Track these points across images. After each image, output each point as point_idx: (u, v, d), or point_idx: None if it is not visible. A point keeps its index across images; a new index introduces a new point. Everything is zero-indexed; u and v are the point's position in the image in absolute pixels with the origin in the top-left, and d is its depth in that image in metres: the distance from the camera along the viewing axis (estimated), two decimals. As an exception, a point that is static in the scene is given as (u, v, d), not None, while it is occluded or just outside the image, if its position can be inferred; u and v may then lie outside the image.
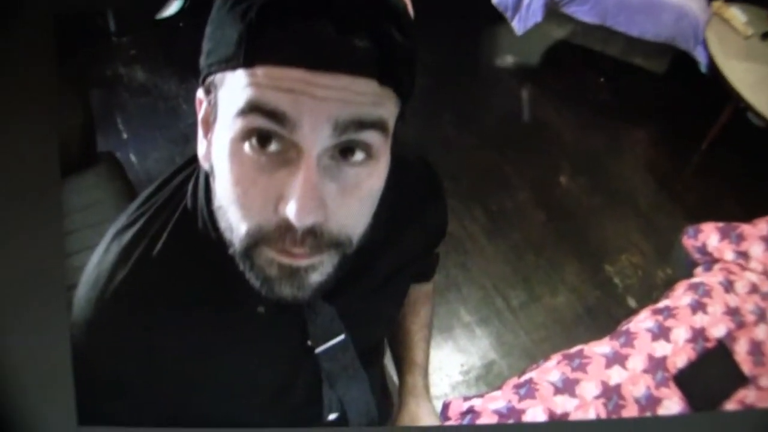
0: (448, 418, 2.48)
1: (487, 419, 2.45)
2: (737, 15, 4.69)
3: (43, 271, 0.92)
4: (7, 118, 0.92)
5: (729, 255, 3.01)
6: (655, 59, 5.20)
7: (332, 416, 1.34)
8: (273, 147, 0.90)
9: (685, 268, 3.19)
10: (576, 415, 2.48)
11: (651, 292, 3.83)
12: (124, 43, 5.04)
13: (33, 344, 1.00)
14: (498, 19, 5.25)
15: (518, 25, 5.15)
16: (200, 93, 1.03)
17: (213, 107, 0.98)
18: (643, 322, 2.78)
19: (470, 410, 2.49)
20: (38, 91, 0.86)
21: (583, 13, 5.00)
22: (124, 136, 4.43)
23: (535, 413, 2.46)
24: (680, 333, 2.70)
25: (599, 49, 5.34)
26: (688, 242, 3.17)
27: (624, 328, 2.81)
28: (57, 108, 0.89)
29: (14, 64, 0.95)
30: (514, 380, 2.64)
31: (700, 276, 3.00)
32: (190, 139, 3.63)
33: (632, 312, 3.06)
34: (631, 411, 2.51)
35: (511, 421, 2.43)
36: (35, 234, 0.92)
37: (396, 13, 0.93)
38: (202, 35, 0.98)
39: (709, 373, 2.65)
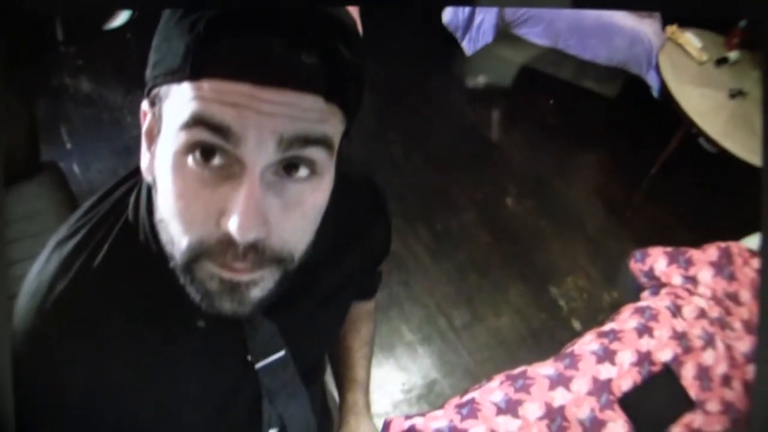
0: None
1: None
2: (692, 40, 4.77)
3: None
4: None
5: (677, 279, 3.03)
6: (606, 83, 5.29)
7: None
8: (217, 161, 0.90)
9: (632, 291, 3.22)
10: None
11: (596, 315, 3.85)
12: (71, 53, 5.03)
13: None
14: (449, 39, 5.28)
15: (468, 46, 5.22)
16: (145, 105, 1.02)
17: (157, 119, 0.96)
18: (588, 344, 2.78)
19: (411, 429, 2.49)
20: None
21: (535, 35, 5.07)
22: (68, 146, 4.41)
23: None
24: (626, 356, 2.70)
25: (551, 72, 5.41)
26: (636, 266, 3.19)
27: (569, 350, 2.81)
28: (1, 116, 0.85)
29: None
30: (456, 400, 2.63)
31: (646, 300, 3.01)
32: (134, 151, 3.59)
33: (577, 335, 3.08)
34: None
35: None
36: None
37: (344, 30, 0.93)
38: (149, 47, 0.97)
39: (655, 397, 2.65)
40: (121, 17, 4.94)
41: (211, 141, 0.88)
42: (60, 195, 3.11)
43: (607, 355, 2.70)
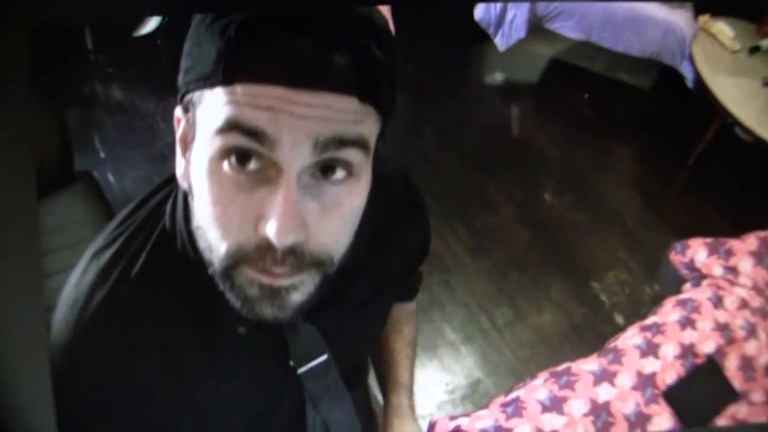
0: None
1: None
2: (724, 29, 4.72)
3: (20, 293, 0.88)
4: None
5: (717, 270, 3.00)
6: (640, 75, 5.24)
7: None
8: (252, 166, 0.89)
9: (673, 284, 3.19)
10: None
11: (638, 308, 3.84)
12: (102, 61, 5.04)
13: (11, 368, 0.96)
14: (482, 35, 5.27)
15: (501, 42, 5.19)
16: (178, 111, 1.02)
17: (191, 126, 0.96)
18: (631, 338, 2.77)
19: (457, 429, 2.48)
20: (13, 108, 0.82)
21: (568, 29, 5.04)
22: (102, 155, 4.41)
23: None
24: (669, 349, 2.69)
25: (584, 66, 5.38)
26: (676, 258, 3.16)
27: (612, 345, 2.80)
28: (32, 126, 0.86)
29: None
30: (501, 399, 2.63)
31: (688, 292, 2.99)
32: (168, 158, 3.59)
33: (620, 329, 3.05)
34: (620, 428, 2.50)
35: None
36: (11, 256, 0.88)
37: (376, 30, 0.92)
38: (180, 53, 0.97)
39: (699, 389, 2.64)
40: (151, 24, 4.93)
41: (246, 145, 0.87)
42: (95, 204, 3.10)
43: (650, 349, 2.68)
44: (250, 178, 0.89)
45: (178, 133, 1.03)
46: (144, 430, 1.14)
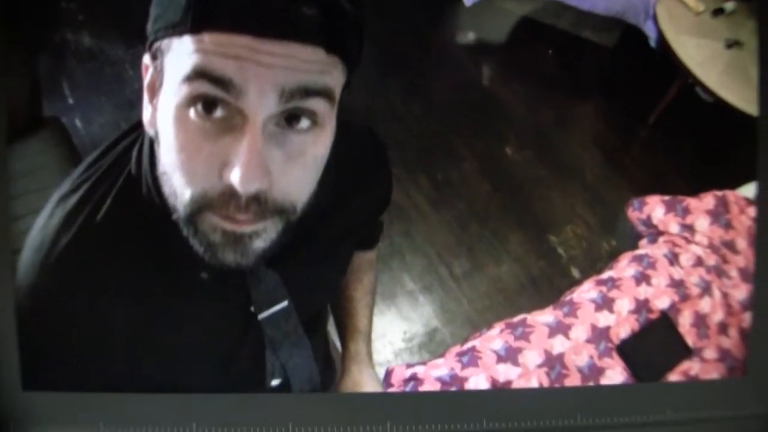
0: (390, 385, 2.49)
1: (429, 386, 2.46)
2: (689, -9, 4.71)
3: None
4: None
5: (674, 228, 3.04)
6: (605, 33, 5.27)
7: (275, 382, 1.35)
8: (218, 113, 0.90)
9: (630, 240, 3.23)
10: (519, 384, 2.48)
11: (595, 263, 3.89)
12: (72, 8, 4.97)
13: None
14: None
15: (468, -3, 5.16)
16: (146, 59, 1.02)
17: (159, 73, 0.97)
18: (586, 292, 2.80)
19: (413, 377, 2.50)
20: None
21: (534, -14, 5.03)
22: (70, 101, 4.38)
23: (478, 381, 2.47)
24: (624, 304, 2.72)
25: (550, 23, 5.38)
26: (633, 214, 3.20)
27: (567, 298, 2.83)
28: (3, 71, 0.87)
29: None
30: (457, 348, 2.65)
31: (644, 248, 3.02)
32: (136, 104, 3.58)
33: (576, 282, 3.08)
34: (574, 380, 2.53)
35: (453, 389, 2.44)
36: None
37: None
38: (149, 1, 0.97)
39: (653, 345, 2.67)
40: None
41: (212, 93, 0.88)
42: (62, 150, 3.09)
43: (605, 303, 2.72)
44: (215, 126, 0.90)
45: (146, 80, 1.03)
46: (107, 370, 1.16)
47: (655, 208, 3.13)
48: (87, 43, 4.77)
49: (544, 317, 2.71)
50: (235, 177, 0.89)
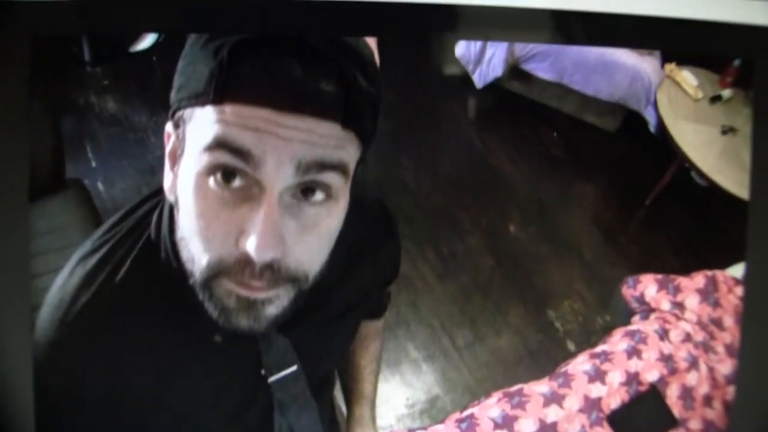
0: None
1: None
2: (688, 78, 4.84)
3: (8, 292, 0.94)
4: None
5: (665, 305, 3.09)
6: (607, 117, 5.36)
7: None
8: (237, 183, 0.92)
9: (623, 316, 3.26)
10: None
11: (590, 337, 3.93)
12: (98, 73, 5.03)
13: None
14: (461, 72, 5.37)
15: (479, 79, 5.31)
16: (169, 126, 1.05)
17: (181, 141, 0.99)
18: (581, 364, 2.85)
19: None
20: (10, 113, 0.89)
21: (542, 71, 5.16)
22: (93, 164, 4.42)
23: None
24: (615, 376, 2.77)
25: (555, 106, 5.48)
26: (627, 292, 3.25)
27: (563, 369, 2.88)
28: (29, 131, 0.92)
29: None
30: (456, 415, 2.69)
31: (636, 324, 3.07)
32: (157, 170, 3.68)
33: (571, 355, 3.13)
34: None
35: None
36: (1, 255, 0.94)
37: (362, 60, 0.97)
38: (174, 70, 1.01)
39: (641, 415, 2.72)
40: (147, 40, 4.93)
41: (232, 163, 0.90)
42: (84, 211, 3.09)
43: (598, 375, 2.77)
44: (234, 195, 0.92)
45: (168, 147, 1.06)
46: (120, 426, 1.16)
47: (648, 286, 3.18)
48: (111, 108, 4.81)
49: (539, 387, 2.75)
50: (251, 245, 0.91)
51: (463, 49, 5.29)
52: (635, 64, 4.89)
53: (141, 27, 1.05)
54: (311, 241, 0.99)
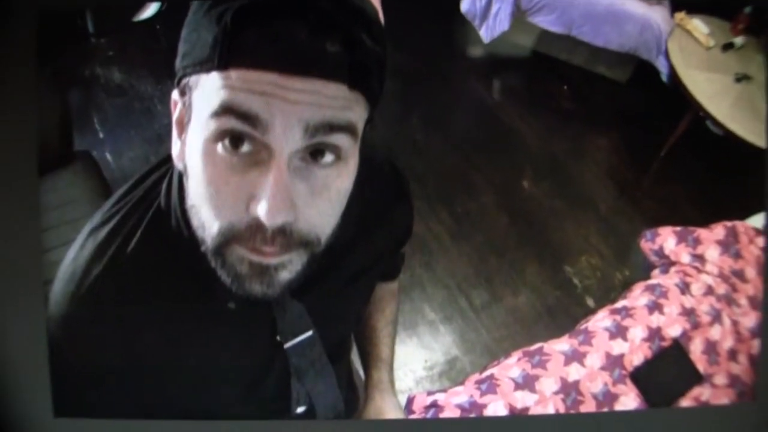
0: (412, 412, 2.51)
1: (449, 413, 2.47)
2: (699, 26, 4.77)
3: (21, 266, 0.94)
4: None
5: (685, 258, 3.05)
6: (618, 68, 5.30)
7: (300, 409, 1.36)
8: (245, 148, 0.93)
9: (643, 270, 3.24)
10: (536, 410, 2.51)
11: (609, 292, 3.90)
12: (102, 44, 5.00)
13: (10, 338, 1.01)
14: (467, 25, 5.30)
15: (485, 34, 5.21)
16: (175, 94, 1.06)
17: (187, 108, 1.00)
18: (601, 321, 2.82)
19: (434, 404, 2.52)
20: (18, 88, 0.89)
21: (550, 23, 5.08)
22: (101, 135, 4.41)
23: (496, 408, 2.49)
24: (637, 332, 2.74)
25: (564, 58, 5.42)
26: (646, 245, 3.22)
27: (582, 327, 2.85)
28: (37, 106, 0.91)
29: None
30: (476, 376, 2.67)
31: (656, 278, 3.04)
32: (165, 139, 3.64)
33: (591, 312, 3.11)
34: (588, 406, 2.56)
35: (472, 415, 2.46)
36: (13, 230, 0.93)
37: (367, 20, 0.96)
38: (178, 38, 1.01)
39: (665, 371, 2.68)
40: (150, 9, 4.88)
41: (239, 129, 0.91)
42: (93, 183, 3.09)
43: (619, 332, 2.74)
44: (242, 160, 0.94)
45: (175, 115, 1.07)
46: (136, 397, 1.19)
47: (666, 238, 3.15)
48: (117, 79, 4.79)
49: (560, 345, 2.73)
50: (261, 210, 0.92)
51: (468, 4, 5.20)
52: (644, 13, 4.82)
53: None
54: (322, 203, 1.00)
